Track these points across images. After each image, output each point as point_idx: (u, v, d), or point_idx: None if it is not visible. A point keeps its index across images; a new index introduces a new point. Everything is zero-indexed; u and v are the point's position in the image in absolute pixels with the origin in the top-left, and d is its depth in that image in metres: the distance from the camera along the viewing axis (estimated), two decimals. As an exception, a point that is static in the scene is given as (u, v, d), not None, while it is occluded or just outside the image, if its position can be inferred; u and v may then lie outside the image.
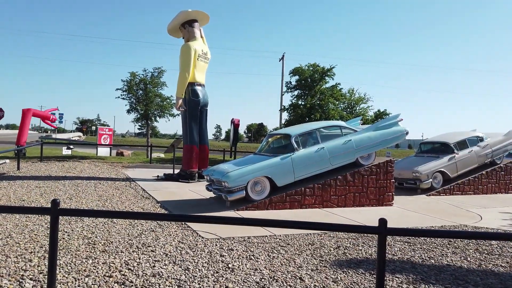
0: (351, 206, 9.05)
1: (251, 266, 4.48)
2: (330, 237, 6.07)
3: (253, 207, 8.16)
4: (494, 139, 13.05)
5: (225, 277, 4.09)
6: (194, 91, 12.00)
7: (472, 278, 4.48)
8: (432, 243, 5.93)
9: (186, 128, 12.16)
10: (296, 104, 22.54)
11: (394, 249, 5.56)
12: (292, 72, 22.89)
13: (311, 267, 4.58)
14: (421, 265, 4.92)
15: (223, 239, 5.64)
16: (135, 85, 23.31)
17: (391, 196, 9.49)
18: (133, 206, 7.88)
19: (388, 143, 9.65)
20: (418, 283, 4.23)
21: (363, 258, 5.09)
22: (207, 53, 12.55)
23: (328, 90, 22.17)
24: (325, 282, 4.13)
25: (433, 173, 11.69)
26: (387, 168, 9.45)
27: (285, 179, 8.53)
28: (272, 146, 9.62)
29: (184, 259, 4.62)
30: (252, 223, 4.70)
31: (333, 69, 22.09)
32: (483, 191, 12.42)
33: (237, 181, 8.00)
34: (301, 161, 8.62)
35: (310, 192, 8.72)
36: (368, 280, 4.25)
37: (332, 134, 9.35)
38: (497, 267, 4.95)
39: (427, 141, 13.79)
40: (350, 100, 26.12)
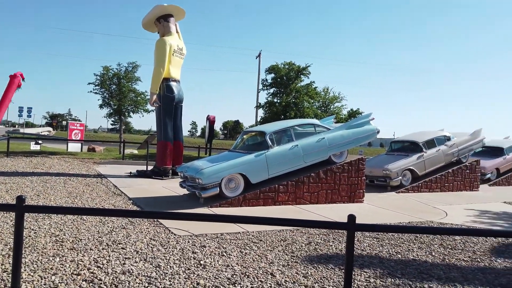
0: (324, 203, 9.21)
1: (223, 263, 4.51)
2: (302, 233, 6.16)
3: (227, 204, 8.17)
4: (460, 139, 13.57)
5: (196, 274, 4.09)
6: (169, 86, 11.86)
7: (436, 272, 4.66)
8: (400, 239, 6.13)
9: (160, 124, 12.01)
10: (271, 102, 22.65)
11: (363, 245, 5.71)
12: (268, 70, 22.98)
13: (283, 263, 4.65)
14: (388, 260, 5.08)
15: (195, 236, 5.63)
16: (108, 80, 22.77)
17: (362, 193, 9.72)
18: (104, 203, 7.73)
19: (360, 142, 9.87)
20: (385, 278, 4.37)
21: (333, 254, 5.20)
22: (182, 48, 12.42)
23: (303, 88, 22.39)
24: (295, 277, 4.21)
25: (403, 171, 12.05)
26: (359, 166, 9.67)
27: (259, 176, 8.58)
28: (247, 143, 9.65)
29: (156, 256, 4.59)
30: (225, 220, 4.73)
31: (308, 67, 22.33)
32: (449, 189, 12.91)
33: (211, 178, 7.99)
34: (275, 159, 8.69)
35: (283, 189, 8.81)
36: (338, 275, 4.36)
37: (306, 132, 9.48)
38: (459, 261, 5.17)
39: (397, 140, 14.19)
40: (324, 99, 26.46)
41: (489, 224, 7.97)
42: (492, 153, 16.17)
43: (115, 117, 24.43)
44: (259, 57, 33.99)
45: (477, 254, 5.55)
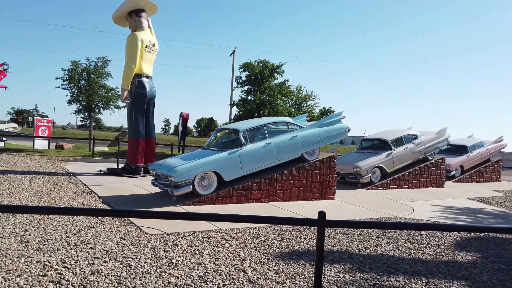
0: (296, 200, 9.33)
1: (195, 261, 4.49)
2: (274, 230, 6.23)
3: (200, 201, 8.13)
4: (427, 137, 14.07)
5: (168, 273, 4.07)
6: (140, 83, 11.65)
7: (403, 266, 4.83)
8: (369, 234, 6.30)
9: (131, 121, 11.78)
10: (245, 100, 22.66)
11: (334, 241, 5.84)
12: (242, 67, 22.96)
13: (255, 260, 4.69)
14: (357, 255, 5.22)
15: (167, 234, 5.58)
16: (77, 75, 22.08)
17: (333, 190, 9.92)
18: (72, 202, 7.52)
19: (331, 139, 10.05)
20: (354, 272, 4.49)
21: (305, 250, 5.29)
22: (155, 44, 12.22)
23: (277, 86, 22.52)
24: (267, 274, 4.25)
25: (372, 168, 12.37)
26: (330, 163, 9.85)
27: (232, 174, 8.59)
28: (220, 140, 9.63)
29: (126, 255, 4.52)
30: (198, 218, 4.71)
31: (282, 66, 22.46)
32: (416, 185, 13.37)
33: (184, 176, 7.93)
34: (249, 156, 8.72)
35: (257, 187, 8.86)
36: (309, 270, 4.44)
37: (279, 130, 9.56)
38: (425, 256, 5.38)
39: (367, 138, 14.55)
40: (298, 97, 26.74)
41: (453, 219, 8.32)
42: (456, 151, 16.87)
43: (85, 113, 23.72)
44: (233, 54, 33.92)
45: (441, 248, 5.79)
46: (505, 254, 5.63)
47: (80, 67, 22.19)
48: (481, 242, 6.26)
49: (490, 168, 17.79)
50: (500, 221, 8.48)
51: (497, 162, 18.32)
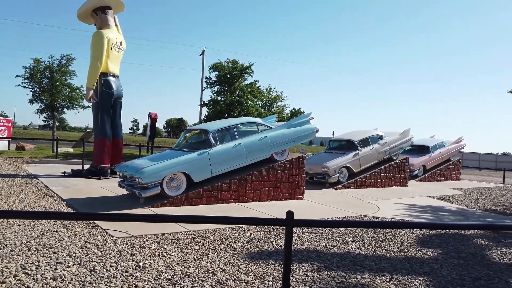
0: (266, 200, 9.39)
1: (163, 263, 4.43)
2: (244, 231, 6.24)
3: (169, 203, 8.02)
4: (392, 138, 14.54)
5: (135, 276, 3.98)
6: (107, 82, 11.35)
7: (368, 264, 4.97)
8: (336, 233, 6.44)
9: (97, 120, 11.45)
10: (215, 100, 22.58)
11: (302, 240, 5.92)
12: (212, 67, 22.86)
13: (224, 261, 4.68)
14: (325, 253, 5.31)
15: (134, 237, 5.47)
16: (39, 73, 21.22)
17: (302, 190, 10.05)
18: (34, 205, 7.22)
19: (300, 140, 10.18)
20: (322, 271, 4.58)
21: (274, 250, 5.33)
22: (121, 42, 11.94)
23: (247, 87, 22.59)
24: (236, 274, 4.26)
25: (340, 168, 12.64)
26: (299, 163, 9.99)
27: (202, 175, 8.53)
28: (189, 141, 9.54)
29: (91, 259, 4.39)
30: (166, 220, 4.64)
31: (251, 66, 22.55)
32: (381, 185, 13.79)
33: (152, 177, 7.79)
34: (219, 157, 8.69)
35: (226, 187, 8.84)
36: (278, 270, 4.48)
37: (249, 130, 9.59)
38: (389, 253, 5.56)
39: (335, 139, 14.85)
40: (268, 98, 26.94)
41: (416, 217, 8.64)
42: (419, 151, 17.53)
43: (48, 113, 22.86)
44: (203, 54, 33.66)
45: (404, 245, 6.00)
46: (464, 249, 5.91)
47: (42, 65, 21.36)
48: (441, 238, 6.54)
49: (451, 168, 18.61)
50: (460, 218, 8.89)
51: (457, 162, 19.19)
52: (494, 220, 8.95)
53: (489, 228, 7.11)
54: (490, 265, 5.16)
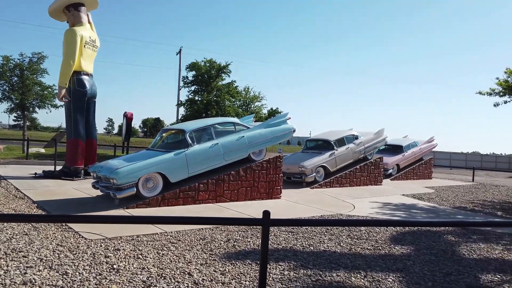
0: (243, 200, 9.39)
1: (138, 265, 4.36)
2: (221, 231, 6.22)
3: (145, 204, 7.91)
4: (367, 137, 14.83)
5: (109, 279, 3.90)
6: (80, 80, 11.08)
7: (343, 261, 5.05)
8: (312, 232, 6.51)
9: (70, 120, 11.16)
10: (193, 100, 22.41)
11: (279, 239, 5.96)
12: (189, 67, 22.67)
13: (201, 262, 4.65)
14: (302, 252, 5.37)
15: (109, 239, 5.36)
16: (8, 71, 20.47)
17: (279, 190, 10.11)
18: (2, 208, 6.96)
19: (277, 140, 10.24)
20: (298, 269, 4.62)
21: (251, 249, 5.34)
22: (95, 40, 11.67)
23: (225, 87, 22.52)
24: (213, 275, 4.24)
25: (316, 168, 12.79)
26: (276, 163, 10.04)
27: (178, 175, 8.45)
28: (166, 141, 9.43)
29: (63, 263, 4.27)
30: (140, 221, 4.58)
31: (228, 66, 22.50)
32: (357, 183, 14.04)
33: (127, 178, 7.66)
34: (196, 157, 8.63)
35: (204, 188, 8.79)
36: (254, 269, 4.49)
37: (226, 130, 9.57)
38: (364, 250, 5.67)
39: (311, 139, 15.02)
40: (245, 98, 26.94)
41: (390, 215, 8.85)
42: (393, 150, 17.96)
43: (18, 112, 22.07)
44: (179, 53, 33.35)
45: (379, 242, 6.13)
46: (435, 246, 6.09)
47: (12, 62, 20.61)
48: (414, 235, 6.71)
49: (423, 166, 19.15)
50: (431, 216, 9.16)
51: (429, 161, 19.76)
52: (464, 217, 9.27)
53: (459, 225, 7.36)
54: (460, 261, 5.34)
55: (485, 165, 41.74)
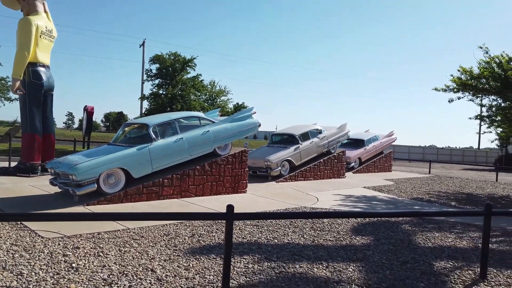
0: (209, 195, 9.36)
1: (99, 263, 4.25)
2: (185, 226, 6.17)
3: (106, 200, 7.69)
4: (330, 132, 15.17)
5: (67, 278, 3.78)
6: (35, 72, 10.54)
7: (306, 253, 5.17)
8: (277, 225, 6.60)
9: (26, 114, 10.61)
10: (157, 93, 21.97)
11: (244, 233, 6.00)
12: (152, 59, 22.16)
13: (164, 258, 4.61)
14: (266, 245, 5.44)
15: (68, 237, 5.18)
16: (-45, 61, 19.16)
17: (245, 184, 10.16)
18: (-50, 207, 6.54)
19: (243, 134, 10.26)
20: (262, 262, 4.68)
21: (216, 244, 5.35)
22: (52, 30, 11.13)
23: (190, 80, 22.24)
24: (177, 271, 4.21)
25: (282, 162, 12.95)
26: (242, 158, 10.07)
27: (142, 171, 8.28)
28: (128, 136, 9.20)
29: (18, 263, 4.09)
30: (100, 218, 4.46)
31: (194, 59, 22.23)
32: (321, 177, 14.35)
33: (87, 174, 7.41)
34: (159, 152, 8.49)
35: (168, 183, 8.67)
36: (219, 264, 4.50)
37: (191, 124, 9.47)
38: (326, 242, 5.82)
39: (277, 133, 15.17)
40: (211, 92, 26.74)
41: (352, 207, 9.13)
42: (355, 144, 18.49)
43: (-33, 105, 20.75)
44: (143, 46, 32.51)
45: (340, 234, 6.31)
46: (393, 236, 6.36)
47: (-41, 51, 19.31)
48: (374, 226, 6.97)
49: (383, 160, 19.85)
50: (391, 207, 9.54)
51: (389, 154, 20.52)
52: (420, 207, 9.73)
53: (415, 215, 7.74)
54: (416, 249, 5.61)
55: (441, 158, 43.88)
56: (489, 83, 11.14)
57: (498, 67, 10.80)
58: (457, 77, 11.60)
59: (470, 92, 11.76)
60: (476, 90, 11.55)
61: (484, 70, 10.95)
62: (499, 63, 10.81)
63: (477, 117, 12.99)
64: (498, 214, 6.71)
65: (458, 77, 11.58)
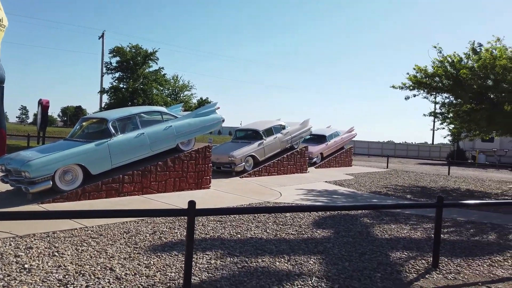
0: (172, 191, 9.22)
1: (53, 264, 4.08)
2: (147, 223, 6.05)
3: (63, 198, 7.38)
4: (293, 128, 15.37)
5: (19, 280, 3.60)
6: (-17, 63, 9.87)
7: (269, 247, 5.22)
8: (240, 220, 6.62)
9: (-28, 107, 9.93)
10: (117, 87, 21.28)
11: (207, 229, 5.97)
12: (112, 52, 21.42)
13: (124, 256, 4.49)
14: (229, 240, 5.44)
15: (20, 237, 4.93)
16: None
17: (209, 180, 10.09)
18: None
19: (206, 130, 10.18)
20: (225, 257, 4.68)
21: (178, 241, 5.29)
22: (2, 19, 10.46)
23: (152, 74, 21.72)
24: (137, 269, 4.12)
25: (246, 157, 12.98)
26: (205, 153, 9.99)
27: (100, 167, 8.01)
28: (86, 131, 8.88)
29: (-37, 266, 3.84)
30: (54, 216, 4.27)
31: (156, 52, 21.71)
32: (284, 172, 14.53)
33: (41, 171, 7.07)
34: (119, 147, 8.24)
35: (129, 179, 8.45)
36: (181, 261, 4.45)
37: (153, 119, 9.27)
38: (288, 235, 5.91)
39: (241, 129, 15.18)
40: (174, 87, 26.26)
41: (314, 201, 9.32)
42: (317, 140, 18.86)
43: None
44: (102, 37, 31.33)
45: (302, 227, 6.43)
46: (352, 228, 6.56)
47: None
48: (334, 219, 7.16)
49: (344, 155, 20.41)
50: (350, 200, 9.84)
51: (350, 150, 21.12)
52: (378, 200, 10.10)
53: (373, 208, 8.02)
54: (374, 241, 5.82)
55: (398, 153, 45.70)
56: (442, 82, 11.72)
57: (451, 66, 11.38)
58: (412, 75, 12.10)
59: (424, 90, 12.31)
60: (430, 88, 12.11)
61: (438, 69, 11.50)
62: (451, 62, 11.38)
63: (431, 114, 13.60)
64: (449, 206, 7.12)
65: (414, 75, 12.08)
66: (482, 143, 29.22)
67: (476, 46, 11.39)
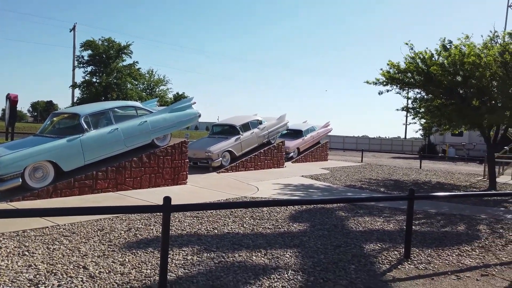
0: (147, 187, 9.09)
1: (24, 263, 3.96)
2: (122, 220, 5.95)
3: (33, 196, 7.16)
4: (270, 123, 15.43)
5: (-14, 281, 3.48)
6: None
7: (246, 242, 5.24)
8: (217, 215, 6.61)
9: None
10: (90, 82, 20.75)
11: (184, 225, 5.93)
12: (84, 45, 20.83)
13: (98, 254, 4.41)
14: (206, 236, 5.43)
15: (-13, 237, 4.75)
16: None
17: (185, 175, 10.01)
18: None
19: (182, 125, 10.07)
20: (202, 253, 4.67)
21: (154, 237, 5.23)
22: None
23: (126, 68, 21.27)
24: (111, 266, 4.05)
25: (223, 153, 12.95)
26: (182, 149, 9.89)
27: (73, 163, 7.80)
28: (57, 126, 8.61)
29: None
30: (23, 214, 4.14)
31: (130, 46, 21.29)
32: (261, 167, 14.59)
33: (10, 168, 6.82)
34: (92, 143, 8.05)
35: (103, 176, 8.27)
36: (157, 257, 4.40)
37: (127, 115, 9.09)
38: (265, 230, 5.95)
39: (217, 124, 15.12)
40: (149, 81, 25.83)
41: (290, 195, 9.41)
42: (294, 135, 19.02)
43: None
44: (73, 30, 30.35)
45: (279, 221, 6.49)
46: (328, 222, 6.67)
47: None
48: (310, 213, 7.25)
49: (320, 149, 20.67)
50: (326, 194, 9.99)
51: (325, 144, 21.41)
52: (353, 194, 10.30)
53: (348, 201, 8.17)
54: (348, 234, 5.94)
55: (372, 147, 46.67)
56: (414, 77, 12.01)
57: (422, 63, 11.68)
58: (386, 71, 12.34)
59: (397, 85, 12.58)
60: (403, 84, 12.39)
61: (410, 65, 11.77)
62: (422, 59, 11.68)
63: (403, 109, 13.92)
64: (420, 198, 7.35)
65: (387, 71, 12.33)
66: (452, 137, 30.19)
67: (446, 43, 11.71)
